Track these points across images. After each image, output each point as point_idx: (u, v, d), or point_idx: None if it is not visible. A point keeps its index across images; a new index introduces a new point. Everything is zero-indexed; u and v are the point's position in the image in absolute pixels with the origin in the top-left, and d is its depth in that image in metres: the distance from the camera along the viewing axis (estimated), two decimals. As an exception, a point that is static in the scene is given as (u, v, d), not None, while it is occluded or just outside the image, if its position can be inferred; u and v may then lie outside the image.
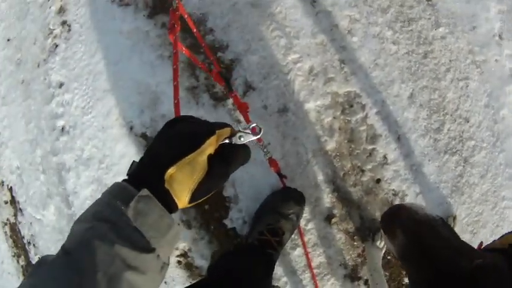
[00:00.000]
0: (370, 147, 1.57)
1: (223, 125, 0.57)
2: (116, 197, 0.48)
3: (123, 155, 1.73)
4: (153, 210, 0.47)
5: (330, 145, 1.54)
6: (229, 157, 0.55)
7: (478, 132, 1.74)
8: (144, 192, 0.48)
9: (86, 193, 1.87)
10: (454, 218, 1.60)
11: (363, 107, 1.57)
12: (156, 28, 1.70)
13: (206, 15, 1.64)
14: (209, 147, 0.52)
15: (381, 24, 1.63)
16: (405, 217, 0.90)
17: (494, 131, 1.77)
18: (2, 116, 2.27)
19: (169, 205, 0.50)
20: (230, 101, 1.56)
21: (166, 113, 1.63)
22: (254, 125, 0.59)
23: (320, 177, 1.55)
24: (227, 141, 0.58)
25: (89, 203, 1.87)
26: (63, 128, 1.92)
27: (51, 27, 2.04)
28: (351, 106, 1.56)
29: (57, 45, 1.99)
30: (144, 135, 1.68)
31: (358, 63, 1.58)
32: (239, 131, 0.59)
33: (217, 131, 0.54)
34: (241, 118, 1.54)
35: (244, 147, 0.59)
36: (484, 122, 1.75)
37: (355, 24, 1.61)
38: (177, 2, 1.26)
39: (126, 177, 0.53)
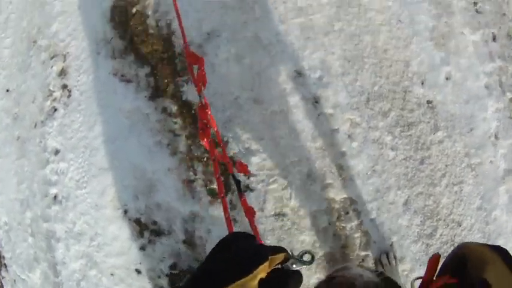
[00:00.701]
0: (363, 253, 1.58)
1: (278, 250, 0.59)
2: None
3: (115, 237, 1.71)
4: None
5: (324, 250, 1.54)
6: (281, 284, 0.56)
7: (470, 235, 1.76)
8: None
9: (74, 266, 1.84)
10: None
11: (358, 214, 1.58)
12: (157, 112, 1.69)
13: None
14: (261, 272, 0.54)
15: (381, 128, 1.65)
16: None
17: (486, 232, 1.79)
18: (-7, 167, 2.23)
19: None
20: (227, 199, 1.55)
21: (162, 202, 1.62)
22: (307, 251, 0.62)
23: (312, 281, 1.55)
24: (279, 266, 0.59)
25: (77, 276, 1.85)
26: (55, 197, 1.89)
27: (51, 89, 2.02)
28: (347, 213, 1.56)
29: (55, 109, 1.96)
30: (138, 221, 1.66)
31: (356, 169, 1.59)
32: (293, 257, 0.60)
33: (270, 257, 0.56)
34: (237, 218, 1.54)
35: (297, 273, 0.59)
36: (476, 225, 1.78)
37: (356, 129, 1.62)
38: (203, 97, 1.22)
39: None
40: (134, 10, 1.89)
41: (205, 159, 1.60)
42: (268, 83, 1.62)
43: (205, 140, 1.22)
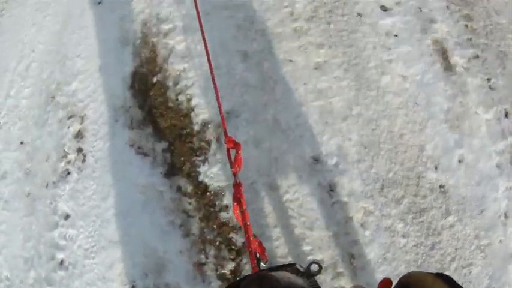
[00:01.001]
0: None
1: (280, 269, 0.70)
2: None
3: (121, 313, 1.69)
4: None
5: None
6: None
7: (478, 317, 1.74)
8: None
9: (77, 336, 1.81)
10: None
11: (369, 305, 1.57)
12: (172, 191, 1.70)
13: (223, 190, 1.64)
14: None
15: (394, 216, 1.65)
16: None
17: (493, 312, 1.78)
18: (0, 219, 2.22)
19: None
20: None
21: (171, 283, 1.61)
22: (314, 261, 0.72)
23: None
24: None
25: None
26: (62, 262, 1.87)
27: (66, 150, 2.03)
28: (357, 304, 1.55)
29: (69, 173, 1.97)
30: (145, 300, 1.65)
31: (368, 258, 1.59)
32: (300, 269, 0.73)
33: None
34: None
35: None
36: (485, 308, 1.76)
37: (369, 217, 1.63)
38: (238, 178, 1.25)
39: None
40: (155, 80, 1.92)
41: (217, 243, 1.60)
42: (285, 169, 1.63)
43: (237, 210, 1.24)
